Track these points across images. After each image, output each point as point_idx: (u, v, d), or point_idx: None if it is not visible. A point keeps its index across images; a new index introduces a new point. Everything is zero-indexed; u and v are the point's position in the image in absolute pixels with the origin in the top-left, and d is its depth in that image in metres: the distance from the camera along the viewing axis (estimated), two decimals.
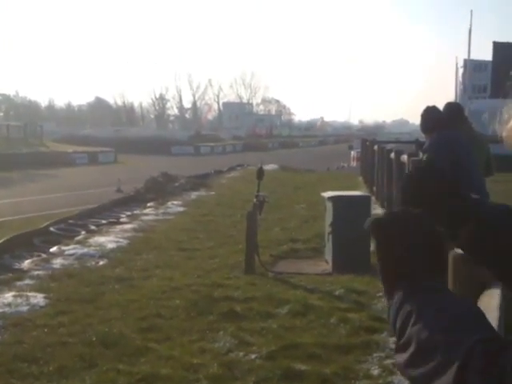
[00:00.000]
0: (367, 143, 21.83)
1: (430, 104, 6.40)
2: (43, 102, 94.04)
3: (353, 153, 34.81)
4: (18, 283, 7.63)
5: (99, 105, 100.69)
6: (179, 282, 7.58)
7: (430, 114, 6.24)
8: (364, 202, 8.70)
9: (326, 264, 8.66)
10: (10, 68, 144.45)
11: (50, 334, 5.68)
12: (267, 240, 10.01)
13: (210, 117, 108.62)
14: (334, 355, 5.14)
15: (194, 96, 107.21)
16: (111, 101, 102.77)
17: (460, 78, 40.64)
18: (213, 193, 19.16)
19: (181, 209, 15.24)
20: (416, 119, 6.47)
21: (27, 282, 7.72)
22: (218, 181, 23.53)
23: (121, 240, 10.64)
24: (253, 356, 5.15)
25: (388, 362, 4.92)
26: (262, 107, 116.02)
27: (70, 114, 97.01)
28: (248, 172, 25.46)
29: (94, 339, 5.50)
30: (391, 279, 1.00)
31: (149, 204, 15.73)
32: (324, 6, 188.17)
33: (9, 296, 6.95)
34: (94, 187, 21.26)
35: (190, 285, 7.42)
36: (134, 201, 16.42)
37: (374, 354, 5.12)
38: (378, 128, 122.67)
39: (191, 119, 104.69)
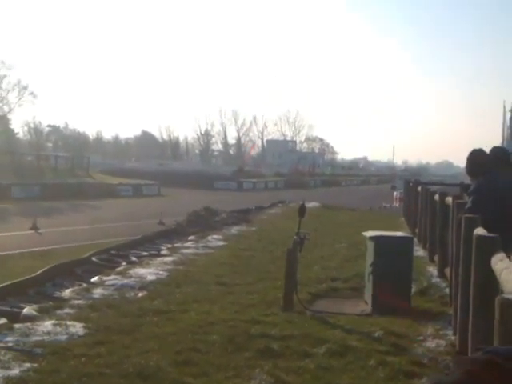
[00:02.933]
0: (410, 184, 21.64)
1: (476, 147, 6.34)
2: (91, 134, 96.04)
3: (396, 193, 34.52)
4: (58, 312, 7.70)
5: (145, 138, 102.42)
6: (217, 317, 7.55)
7: (476, 157, 6.18)
8: (406, 243, 8.60)
9: (365, 304, 8.54)
10: (60, 100, 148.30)
11: (87, 364, 5.70)
12: (306, 278, 9.93)
13: (253, 153, 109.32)
14: None
15: (238, 132, 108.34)
16: (157, 135, 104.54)
17: (508, 122, 40.12)
18: (254, 228, 19.17)
19: (221, 243, 15.27)
20: (461, 162, 6.41)
21: (67, 310, 7.79)
22: (259, 216, 23.55)
23: (161, 272, 10.69)
24: None
25: None
26: (305, 145, 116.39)
27: (117, 147, 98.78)
28: (289, 209, 25.44)
29: (131, 371, 5.50)
30: None
31: (190, 237, 15.81)
32: (367, 47, 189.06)
33: (48, 324, 7.01)
34: (137, 219, 21.51)
35: (228, 320, 7.38)
36: (175, 233, 16.54)
37: None
38: (422, 169, 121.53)
39: (235, 155, 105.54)
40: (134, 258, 12.20)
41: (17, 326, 6.90)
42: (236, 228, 18.79)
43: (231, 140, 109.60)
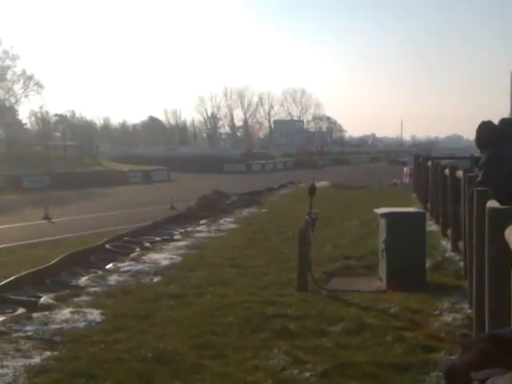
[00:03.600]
0: (420, 159, 21.57)
1: (485, 119, 6.29)
2: (98, 122, 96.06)
3: (406, 169, 34.39)
4: (75, 299, 7.77)
5: (152, 124, 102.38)
6: (232, 299, 7.59)
7: (485, 129, 6.13)
8: (418, 219, 8.58)
9: (379, 281, 8.56)
10: (65, 88, 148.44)
11: (106, 350, 5.76)
12: (320, 257, 9.95)
13: (261, 135, 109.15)
14: (391, 374, 5.05)
15: (245, 114, 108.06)
16: (164, 119, 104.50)
17: None
18: (264, 210, 19.20)
19: (233, 226, 15.32)
20: (470, 135, 6.35)
21: (84, 298, 7.87)
22: (269, 198, 23.58)
23: (174, 257, 10.75)
24: (307, 374, 5.11)
25: None
26: (312, 124, 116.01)
27: (125, 134, 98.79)
28: (299, 189, 25.45)
29: (150, 355, 5.56)
30: None
31: (201, 221, 15.86)
32: (369, 23, 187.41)
33: (66, 312, 7.09)
34: (148, 205, 21.58)
35: (243, 302, 7.42)
36: (186, 218, 16.58)
37: (432, 374, 5.01)
38: (431, 144, 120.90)
39: (242, 137, 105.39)
40: (147, 244, 12.26)
41: (35, 315, 6.97)
42: (247, 210, 18.83)
43: (238, 122, 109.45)
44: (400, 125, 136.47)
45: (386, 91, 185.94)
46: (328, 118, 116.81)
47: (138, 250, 11.59)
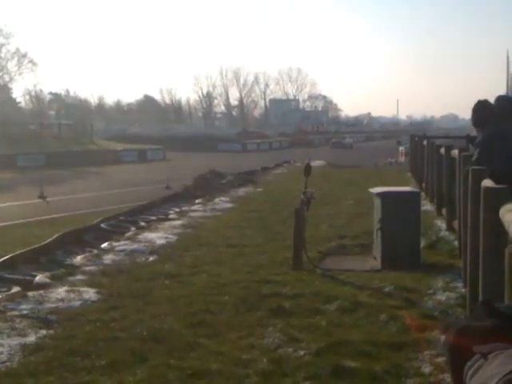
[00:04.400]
0: (416, 139, 21.57)
1: (481, 98, 6.27)
2: (93, 100, 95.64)
3: (401, 148, 34.41)
4: (71, 278, 7.78)
5: (148, 103, 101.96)
6: (228, 278, 7.61)
7: (481, 108, 6.10)
8: (413, 198, 8.59)
9: (374, 261, 8.58)
10: (60, 66, 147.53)
11: (101, 329, 5.78)
12: (315, 236, 9.96)
13: (256, 114, 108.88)
14: (384, 352, 5.08)
15: (240, 93, 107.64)
16: (159, 98, 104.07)
17: (511, 72, 39.74)
18: (260, 189, 19.20)
19: (229, 205, 15.32)
20: (466, 114, 6.33)
21: (79, 277, 7.87)
22: (265, 177, 23.58)
23: (170, 236, 10.75)
24: (302, 352, 5.14)
25: (439, 359, 4.84)
26: (308, 103, 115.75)
27: (120, 113, 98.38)
28: (295, 168, 25.44)
29: (145, 334, 5.57)
30: None
31: (197, 200, 15.85)
32: (365, 2, 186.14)
33: (62, 291, 7.09)
34: (144, 184, 21.56)
35: (239, 281, 7.43)
36: (182, 197, 16.58)
37: (425, 352, 5.04)
38: (427, 123, 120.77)
39: (238, 116, 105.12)
40: (142, 223, 12.26)
41: (30, 293, 6.98)
42: (243, 190, 18.83)
43: (234, 101, 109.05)
44: (396, 104, 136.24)
45: (382, 71, 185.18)
46: (324, 97, 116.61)
47: (133, 229, 11.58)
